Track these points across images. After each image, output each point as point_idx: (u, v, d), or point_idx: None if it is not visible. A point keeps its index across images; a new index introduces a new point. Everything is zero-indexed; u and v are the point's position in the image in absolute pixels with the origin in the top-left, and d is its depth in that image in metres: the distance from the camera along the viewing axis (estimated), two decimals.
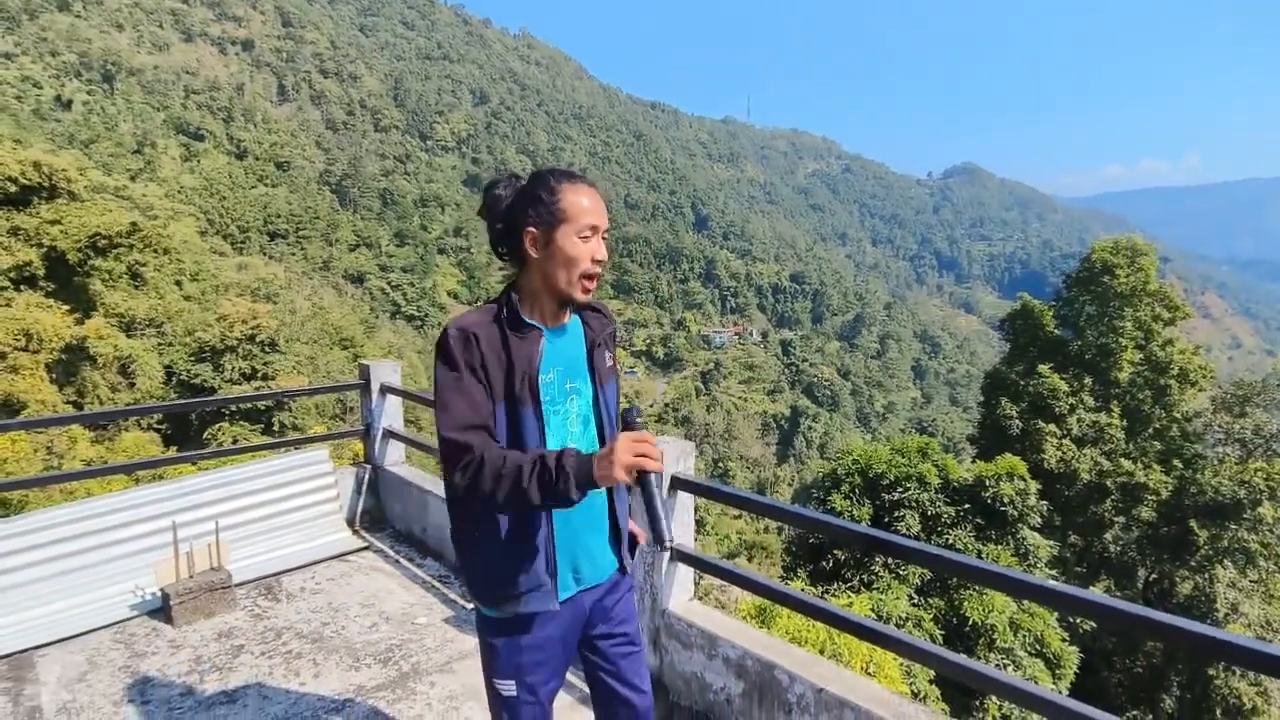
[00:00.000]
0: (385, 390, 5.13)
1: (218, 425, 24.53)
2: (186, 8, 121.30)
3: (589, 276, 1.67)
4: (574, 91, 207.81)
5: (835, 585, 11.13)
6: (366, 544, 4.73)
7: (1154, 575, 16.95)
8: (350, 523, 5.03)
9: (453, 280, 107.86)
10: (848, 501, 12.24)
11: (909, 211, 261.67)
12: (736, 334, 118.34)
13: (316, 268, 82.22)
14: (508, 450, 1.56)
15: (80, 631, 3.57)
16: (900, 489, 12.34)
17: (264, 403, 25.43)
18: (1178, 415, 17.59)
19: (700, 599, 3.15)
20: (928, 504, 12.21)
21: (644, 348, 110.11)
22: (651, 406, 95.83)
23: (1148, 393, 17.58)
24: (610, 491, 1.81)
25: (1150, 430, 17.49)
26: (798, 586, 10.43)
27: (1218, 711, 13.95)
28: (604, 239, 1.70)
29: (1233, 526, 15.38)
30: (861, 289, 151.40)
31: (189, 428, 25.07)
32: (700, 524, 27.54)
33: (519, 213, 1.66)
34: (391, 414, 5.21)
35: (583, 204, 1.65)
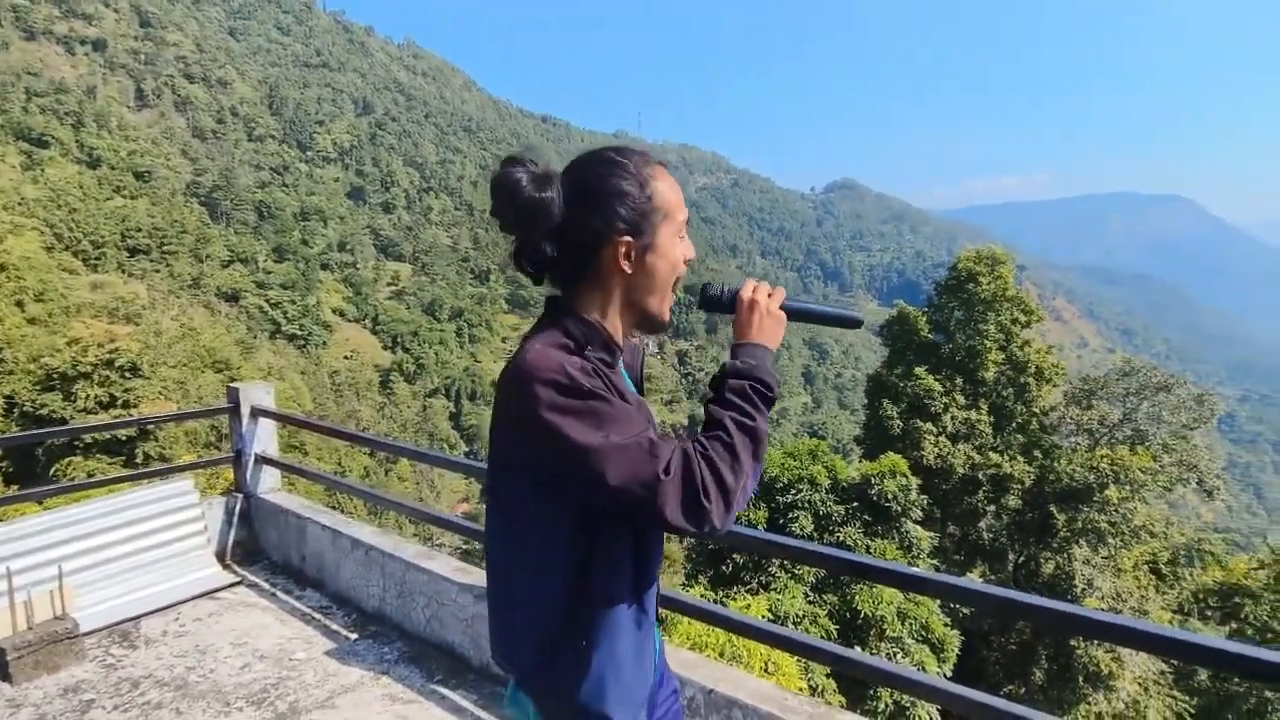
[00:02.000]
0: (257, 413, 4.83)
1: (68, 460, 22.30)
2: (29, 3, 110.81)
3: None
4: (463, 103, 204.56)
5: (735, 589, 11.35)
6: (239, 578, 4.41)
7: (1022, 558, 18.27)
8: (220, 557, 4.68)
9: (338, 297, 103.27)
10: (744, 506, 12.52)
11: (794, 224, 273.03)
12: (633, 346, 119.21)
13: (185, 285, 76.56)
14: (668, 441, 1.15)
15: None
16: (793, 491, 12.78)
17: (125, 433, 23.33)
18: (1036, 410, 19.08)
19: None
20: (819, 504, 12.70)
21: None
22: None
23: (1010, 390, 18.98)
24: None
25: (1014, 424, 18.88)
26: (697, 592, 10.58)
27: (1080, 679, 15.16)
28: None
29: (1085, 509, 16.82)
30: None
31: (35, 464, 22.70)
32: None
33: (594, 216, 1.20)
34: (265, 438, 4.90)
35: (675, 193, 1.28)
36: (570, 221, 1.21)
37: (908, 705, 10.71)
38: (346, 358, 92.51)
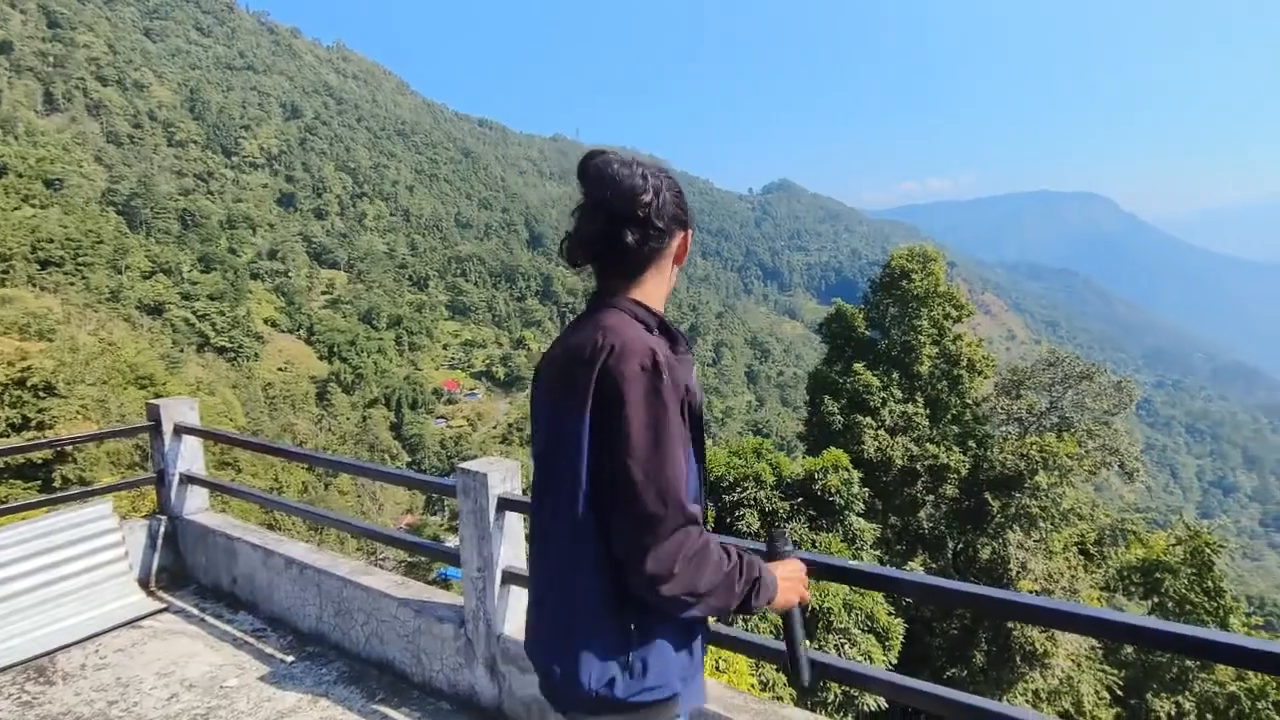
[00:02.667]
0: (181, 430, 4.60)
1: None
2: None
3: None
4: (396, 107, 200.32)
5: None
6: (164, 605, 4.20)
7: (960, 545, 18.87)
8: (144, 583, 4.45)
9: (269, 307, 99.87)
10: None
11: (734, 225, 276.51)
12: None
13: (103, 298, 72.76)
14: (719, 537, 1.31)
15: None
16: (739, 489, 12.91)
17: (40, 456, 22.01)
18: (969, 401, 19.74)
19: None
20: (765, 501, 12.85)
21: (484, 368, 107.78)
22: (495, 428, 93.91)
23: (944, 383, 19.59)
24: None
25: (949, 416, 19.49)
26: None
27: (1017, 659, 15.74)
28: None
29: (1017, 495, 17.49)
30: (695, 300, 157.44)
31: None
32: None
33: (675, 206, 1.36)
34: (190, 457, 4.68)
35: None
36: (658, 212, 1.32)
37: (856, 695, 10.93)
38: (280, 369, 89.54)
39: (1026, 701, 15.31)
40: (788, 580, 1.42)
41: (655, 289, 1.38)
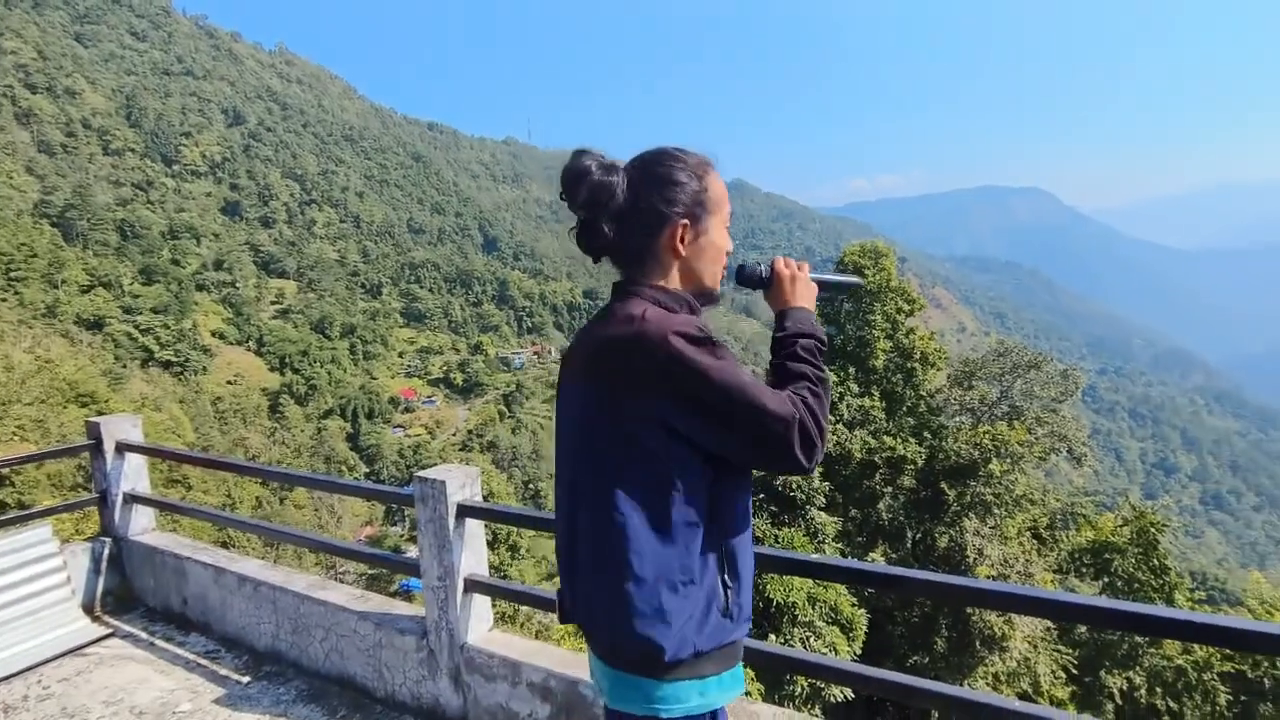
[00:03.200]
0: (123, 448, 4.43)
1: None
2: None
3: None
4: (343, 112, 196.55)
5: None
6: (110, 630, 4.03)
7: (919, 535, 19.24)
8: (89, 608, 4.27)
9: (217, 319, 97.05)
10: None
11: None
12: (535, 354, 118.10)
13: (38, 314, 69.80)
14: (767, 387, 1.32)
15: None
16: None
17: None
18: (923, 393, 20.17)
19: (521, 626, 3.05)
20: None
21: (441, 375, 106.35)
22: (454, 435, 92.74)
23: (899, 376, 19.99)
24: None
25: (904, 408, 19.88)
26: None
27: (977, 643, 16.12)
28: None
29: (972, 483, 17.90)
30: None
31: None
32: (515, 548, 27.03)
33: (656, 200, 1.38)
34: (134, 475, 4.51)
35: (725, 191, 1.47)
36: (633, 205, 1.37)
37: (823, 687, 11.07)
38: (230, 382, 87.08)
39: (987, 685, 15.68)
40: (800, 291, 1.53)
41: (672, 275, 1.42)
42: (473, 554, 2.83)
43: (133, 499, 4.47)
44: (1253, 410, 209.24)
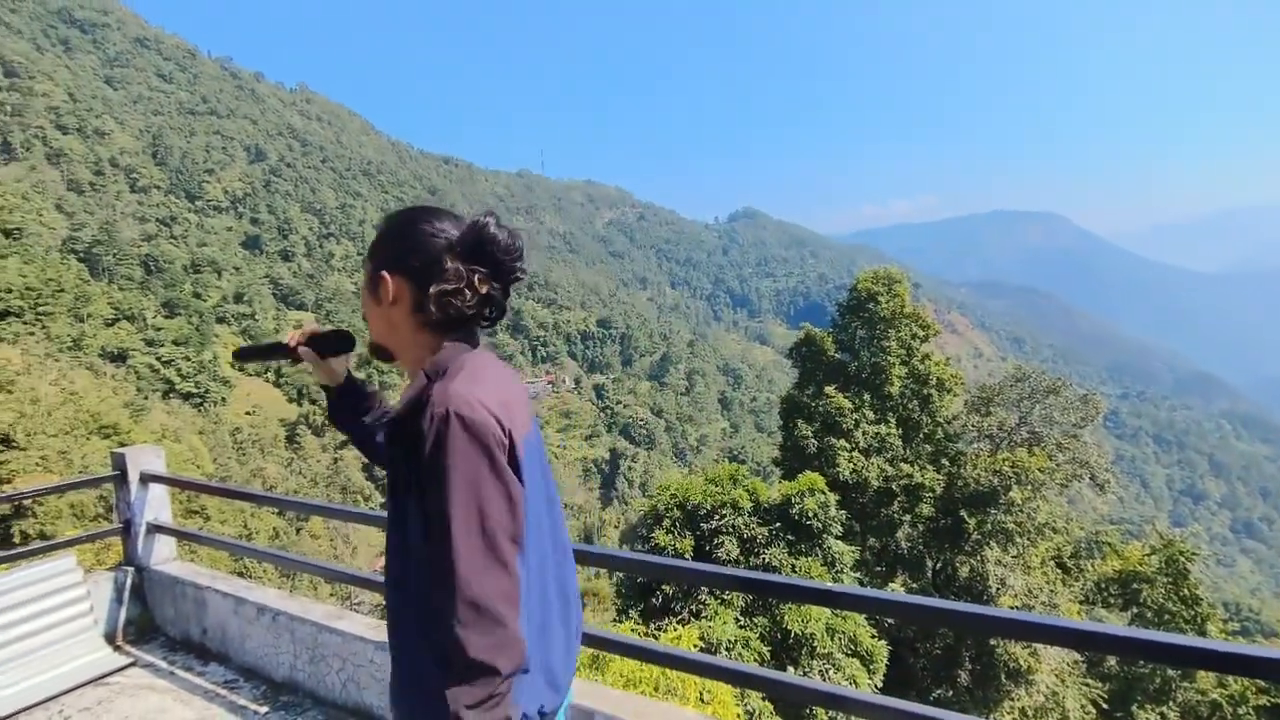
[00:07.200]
0: (147, 479, 4.50)
1: None
2: None
3: None
4: (361, 147, 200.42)
5: (667, 620, 11.27)
6: (132, 660, 4.06)
7: (939, 564, 18.94)
8: (110, 638, 4.30)
9: None
10: (670, 536, 12.54)
11: (701, 254, 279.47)
12: (550, 383, 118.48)
13: (64, 348, 71.07)
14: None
15: None
16: (717, 517, 12.87)
17: None
18: (940, 420, 19.98)
19: None
20: (743, 527, 12.82)
21: None
22: None
23: (915, 402, 19.83)
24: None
25: (921, 435, 19.70)
26: (627, 628, 10.44)
27: (1002, 676, 15.76)
28: None
29: (992, 511, 17.62)
30: (665, 329, 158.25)
31: None
32: None
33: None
34: (157, 505, 4.57)
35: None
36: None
37: None
38: (248, 414, 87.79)
39: None
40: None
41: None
42: None
43: (155, 529, 4.53)
44: None
